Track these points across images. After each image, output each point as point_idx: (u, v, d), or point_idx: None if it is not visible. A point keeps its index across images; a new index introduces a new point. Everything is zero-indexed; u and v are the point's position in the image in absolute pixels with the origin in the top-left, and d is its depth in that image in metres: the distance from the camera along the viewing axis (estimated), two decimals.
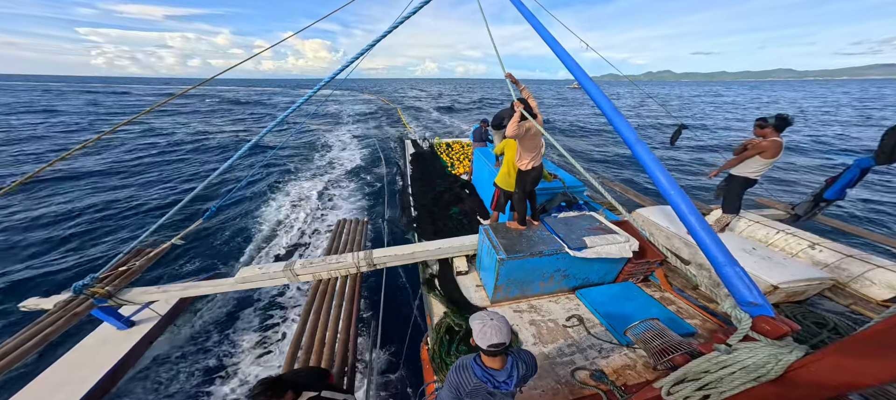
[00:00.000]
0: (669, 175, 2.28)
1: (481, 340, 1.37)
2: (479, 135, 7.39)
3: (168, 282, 3.91)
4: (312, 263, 3.73)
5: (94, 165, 11.90)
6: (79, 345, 3.59)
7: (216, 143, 16.51)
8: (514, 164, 3.53)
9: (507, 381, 1.45)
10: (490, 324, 1.38)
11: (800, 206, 5.19)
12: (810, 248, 3.62)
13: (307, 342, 3.01)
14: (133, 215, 8.24)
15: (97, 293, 3.41)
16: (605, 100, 2.59)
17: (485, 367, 1.44)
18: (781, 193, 9.86)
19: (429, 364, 2.73)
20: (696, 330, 2.80)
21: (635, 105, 40.17)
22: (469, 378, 1.44)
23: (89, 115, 25.58)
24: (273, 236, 7.34)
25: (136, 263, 3.97)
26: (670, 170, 4.84)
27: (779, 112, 3.47)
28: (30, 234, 7.11)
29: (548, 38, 2.67)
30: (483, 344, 1.37)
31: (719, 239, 2.03)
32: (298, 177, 11.49)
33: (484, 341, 1.36)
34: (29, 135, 16.90)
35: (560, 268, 3.28)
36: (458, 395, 1.47)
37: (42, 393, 3.05)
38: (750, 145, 3.59)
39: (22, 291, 5.32)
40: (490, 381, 1.42)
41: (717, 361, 1.76)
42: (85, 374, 3.25)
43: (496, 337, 1.36)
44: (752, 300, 1.93)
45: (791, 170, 12.36)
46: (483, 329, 1.38)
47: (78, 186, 9.95)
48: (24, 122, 20.86)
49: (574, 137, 19.48)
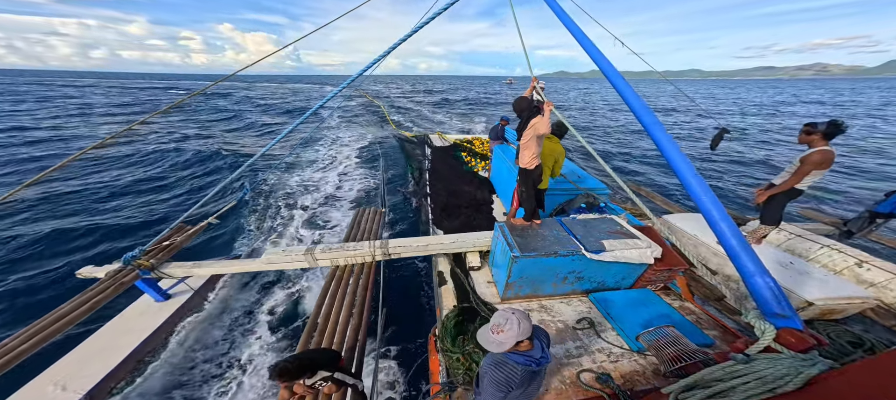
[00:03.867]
0: (702, 179, 2.18)
1: (520, 336, 1.44)
2: (497, 133, 7.33)
3: (202, 260, 4.23)
4: (331, 248, 3.89)
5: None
6: (120, 314, 3.99)
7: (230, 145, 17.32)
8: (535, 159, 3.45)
9: (543, 355, 1.56)
10: (515, 318, 1.45)
11: (853, 221, 4.75)
12: (857, 265, 3.31)
13: (322, 324, 3.16)
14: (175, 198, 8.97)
15: (143, 265, 3.77)
16: (636, 97, 2.53)
17: (521, 352, 1.51)
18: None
19: (435, 354, 2.78)
20: (714, 341, 2.66)
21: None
22: (514, 369, 1.50)
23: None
24: (295, 219, 7.83)
25: (177, 238, 4.33)
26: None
27: (831, 118, 3.14)
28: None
29: (580, 36, 2.67)
30: (523, 337, 1.45)
31: (751, 248, 1.93)
32: (318, 163, 12.11)
33: (523, 334, 1.44)
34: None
35: (575, 269, 3.21)
36: (509, 388, 1.52)
37: (87, 356, 3.42)
38: (806, 161, 3.18)
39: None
40: (532, 362, 1.51)
41: (731, 369, 1.68)
42: (124, 342, 3.61)
43: (529, 326, 1.46)
44: (779, 312, 1.82)
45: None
46: (516, 327, 1.43)
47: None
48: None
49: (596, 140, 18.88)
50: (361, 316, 3.23)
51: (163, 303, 4.17)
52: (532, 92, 3.81)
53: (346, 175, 11.28)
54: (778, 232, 4.09)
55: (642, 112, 2.45)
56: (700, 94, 66.64)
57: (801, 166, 3.19)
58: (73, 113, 24.40)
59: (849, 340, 2.61)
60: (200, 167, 11.68)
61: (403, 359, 4.12)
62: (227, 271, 4.17)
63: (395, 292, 5.10)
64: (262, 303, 4.98)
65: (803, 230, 4.15)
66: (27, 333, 3.11)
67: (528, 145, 3.32)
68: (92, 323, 3.73)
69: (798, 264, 3.48)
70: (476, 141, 10.61)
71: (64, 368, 3.26)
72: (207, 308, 4.66)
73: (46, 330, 3.12)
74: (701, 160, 13.59)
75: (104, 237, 6.85)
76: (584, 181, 5.26)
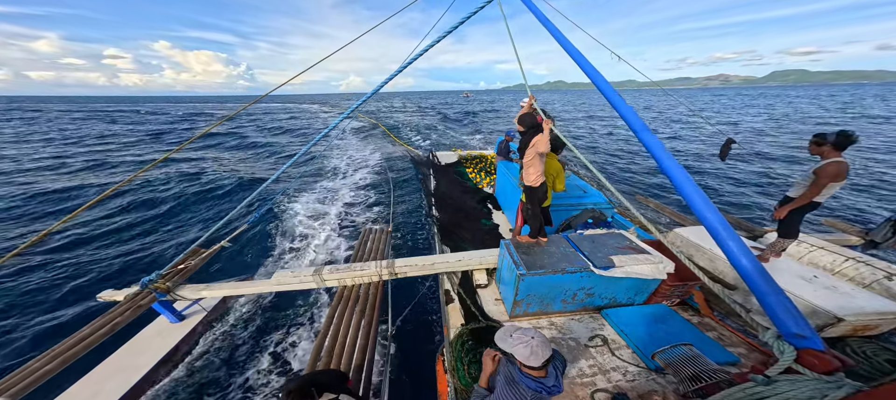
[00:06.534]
0: (705, 196, 2.11)
1: (534, 360, 1.44)
2: (503, 149, 7.39)
3: (214, 281, 4.32)
4: (339, 269, 3.93)
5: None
6: (137, 335, 4.08)
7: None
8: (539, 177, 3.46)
9: (556, 384, 1.54)
10: (535, 342, 1.45)
11: (876, 231, 4.52)
12: (887, 278, 3.12)
13: (329, 345, 3.15)
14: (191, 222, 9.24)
15: (159, 288, 3.88)
16: (630, 110, 2.53)
17: (534, 378, 1.50)
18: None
19: (443, 375, 2.72)
20: (739, 359, 2.52)
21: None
22: (524, 393, 1.49)
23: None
24: (304, 240, 7.96)
25: (191, 262, 4.45)
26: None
27: (841, 129, 3.05)
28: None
29: (568, 46, 2.71)
30: (536, 363, 1.44)
31: (762, 266, 1.85)
32: (322, 187, 12.36)
33: (537, 360, 1.44)
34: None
35: (584, 286, 3.14)
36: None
37: (105, 376, 3.51)
38: (821, 174, 3.06)
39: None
40: (543, 389, 1.49)
41: (752, 391, 1.60)
42: (140, 362, 3.69)
43: (547, 352, 1.46)
44: (797, 332, 1.73)
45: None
46: (533, 349, 1.44)
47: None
48: None
49: (599, 154, 18.73)
50: (368, 336, 3.21)
51: (177, 324, 4.25)
52: (531, 108, 3.86)
53: (353, 194, 11.47)
54: (798, 244, 3.91)
55: (638, 127, 2.41)
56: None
57: (818, 179, 3.05)
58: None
59: (888, 359, 2.44)
60: (213, 193, 12.01)
61: (411, 379, 4.03)
62: (239, 292, 4.25)
63: (403, 311, 5.05)
64: (272, 324, 5.01)
65: (825, 242, 3.97)
66: (50, 354, 3.20)
67: (531, 163, 3.34)
68: (109, 346, 3.83)
69: (823, 278, 3.31)
70: (481, 155, 10.70)
71: (84, 387, 3.36)
72: (219, 328, 4.70)
73: (69, 351, 3.21)
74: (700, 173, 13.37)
75: (122, 262, 7.08)
76: (589, 196, 5.21)
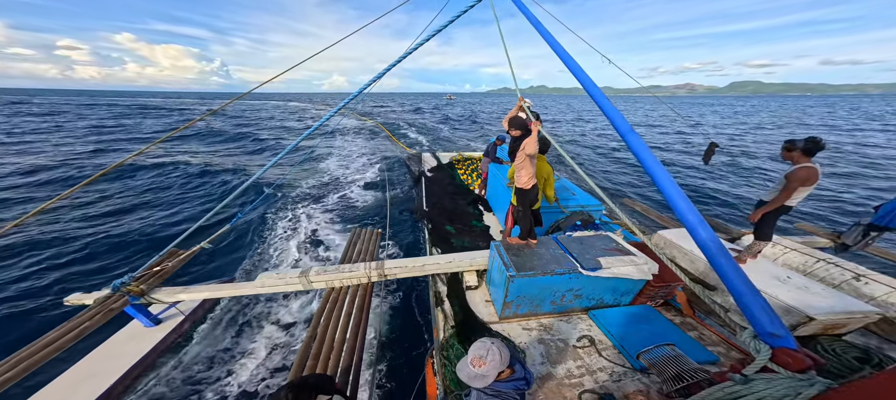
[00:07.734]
0: (687, 199, 2.17)
1: (501, 366, 1.49)
2: (491, 151, 7.44)
3: (193, 284, 4.15)
4: (326, 270, 3.84)
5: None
6: (109, 339, 3.87)
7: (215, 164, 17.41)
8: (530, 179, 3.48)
9: (528, 376, 1.64)
10: (495, 348, 1.49)
11: (847, 234, 4.77)
12: (855, 279, 3.30)
13: (316, 349, 3.07)
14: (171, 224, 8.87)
15: (132, 291, 3.69)
16: (617, 113, 2.57)
17: (508, 379, 1.56)
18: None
19: (433, 377, 2.70)
20: (718, 358, 2.60)
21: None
22: (511, 395, 1.55)
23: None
24: (290, 242, 7.69)
25: (168, 264, 4.26)
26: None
27: (810, 135, 3.21)
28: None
29: (559, 50, 2.73)
30: (504, 367, 1.50)
31: (739, 267, 1.92)
32: (313, 185, 12.03)
33: (504, 364, 1.50)
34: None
35: (572, 287, 3.19)
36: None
37: (73, 382, 3.31)
38: (792, 179, 3.20)
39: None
40: (521, 383, 1.59)
41: (730, 391, 1.64)
42: (111, 367, 3.49)
43: (508, 354, 1.53)
44: (772, 331, 1.80)
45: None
46: (498, 356, 1.48)
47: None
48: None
49: (586, 156, 19.10)
50: (357, 338, 3.15)
51: (153, 328, 4.05)
52: (519, 110, 3.90)
53: (343, 195, 11.25)
54: (773, 246, 4.10)
55: (625, 129, 2.43)
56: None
57: (788, 183, 3.19)
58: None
59: (855, 356, 2.56)
60: (193, 190, 11.61)
61: (400, 381, 3.98)
62: (220, 295, 4.08)
63: (392, 313, 4.99)
64: (256, 327, 4.85)
65: (798, 244, 4.17)
66: (11, 361, 3.00)
67: (523, 165, 3.37)
68: (80, 351, 3.62)
69: (796, 279, 3.46)
70: (471, 158, 10.74)
71: (51, 394, 3.16)
72: (199, 332, 4.51)
73: (31, 357, 3.01)
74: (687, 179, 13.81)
75: (94, 263, 6.72)
76: (578, 198, 5.30)
